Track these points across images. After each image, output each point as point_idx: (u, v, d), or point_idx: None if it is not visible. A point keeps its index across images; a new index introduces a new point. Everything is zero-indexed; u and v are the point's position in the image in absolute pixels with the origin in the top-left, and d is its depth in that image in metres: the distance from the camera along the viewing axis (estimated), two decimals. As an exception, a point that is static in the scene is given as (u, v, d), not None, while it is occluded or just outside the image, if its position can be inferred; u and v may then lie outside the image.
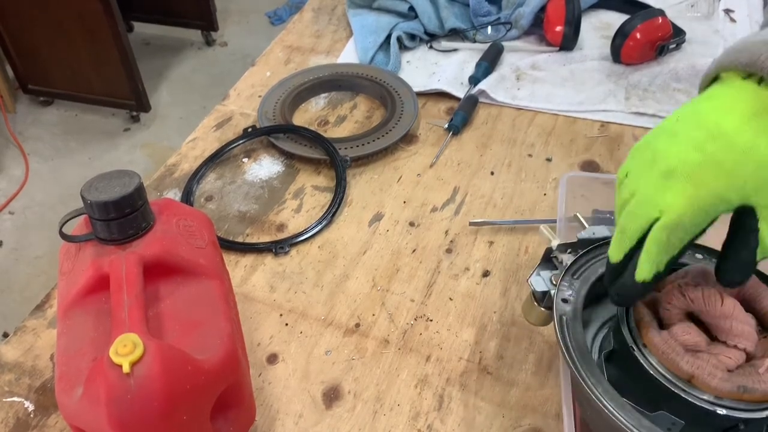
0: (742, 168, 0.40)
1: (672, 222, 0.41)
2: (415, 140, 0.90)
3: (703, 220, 0.41)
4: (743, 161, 0.40)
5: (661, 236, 0.41)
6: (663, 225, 0.41)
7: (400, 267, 0.73)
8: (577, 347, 0.47)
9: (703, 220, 0.41)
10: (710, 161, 0.40)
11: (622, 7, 1.13)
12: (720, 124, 0.41)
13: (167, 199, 0.56)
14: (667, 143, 0.43)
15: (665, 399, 0.44)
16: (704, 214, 0.41)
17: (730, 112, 0.41)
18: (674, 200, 0.41)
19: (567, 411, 0.49)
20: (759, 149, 0.40)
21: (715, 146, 0.41)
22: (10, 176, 2.29)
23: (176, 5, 2.78)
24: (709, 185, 0.40)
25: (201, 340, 0.47)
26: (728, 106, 0.42)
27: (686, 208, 0.41)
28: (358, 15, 1.12)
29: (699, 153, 0.41)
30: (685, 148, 0.42)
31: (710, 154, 0.40)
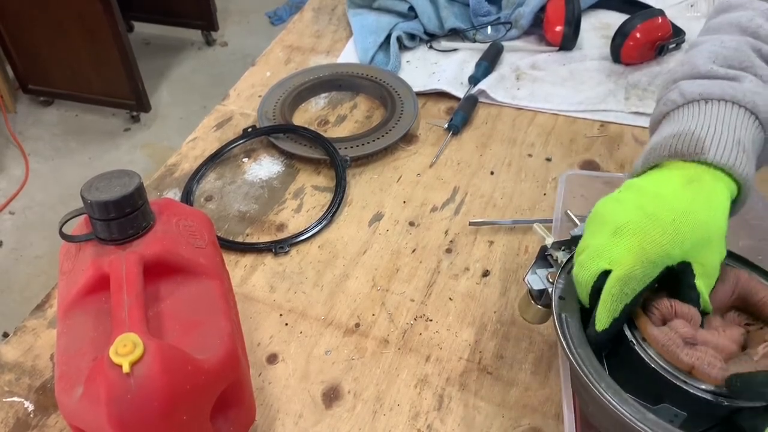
0: (682, 226, 0.46)
1: (624, 275, 0.45)
2: (415, 140, 0.90)
3: (651, 271, 0.46)
4: (682, 220, 0.46)
5: (615, 288, 0.46)
6: (616, 277, 0.45)
7: (400, 267, 0.73)
8: (578, 343, 0.48)
9: (651, 272, 0.46)
10: (654, 219, 0.46)
11: (622, 7, 1.13)
12: (659, 192, 0.48)
13: (167, 199, 0.56)
14: (614, 207, 0.49)
15: (667, 391, 0.45)
16: (653, 266, 0.45)
17: (666, 182, 0.49)
18: (625, 254, 0.46)
19: (567, 408, 0.49)
20: (695, 211, 0.46)
21: (656, 207, 0.47)
22: (10, 176, 2.29)
23: (176, 5, 2.78)
24: (655, 240, 0.45)
25: (201, 339, 0.47)
26: (664, 179, 0.50)
27: (636, 261, 0.45)
28: (358, 15, 1.12)
29: (642, 212, 0.47)
30: (630, 209, 0.48)
31: (652, 214, 0.46)
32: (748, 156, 0.49)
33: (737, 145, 0.49)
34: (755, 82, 0.52)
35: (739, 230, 0.66)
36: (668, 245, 0.45)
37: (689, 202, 0.47)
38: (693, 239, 0.46)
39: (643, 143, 0.87)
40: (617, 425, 0.44)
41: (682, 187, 0.48)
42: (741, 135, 0.49)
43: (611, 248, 0.47)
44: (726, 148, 0.49)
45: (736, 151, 0.49)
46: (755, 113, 0.51)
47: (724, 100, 0.51)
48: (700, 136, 0.49)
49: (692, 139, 0.50)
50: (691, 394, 0.44)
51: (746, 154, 0.49)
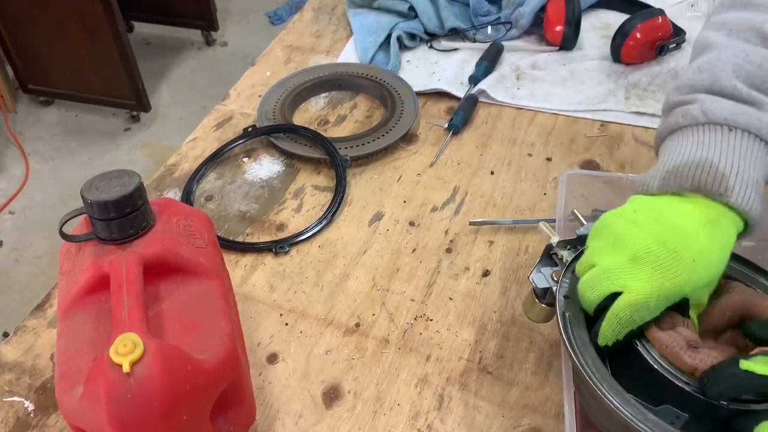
0: (698, 267, 0.46)
1: (638, 302, 0.46)
2: (415, 140, 0.90)
3: (663, 305, 0.46)
4: (700, 262, 0.46)
5: (626, 312, 0.46)
6: (629, 302, 0.46)
7: (400, 267, 0.73)
8: (581, 343, 0.48)
9: (663, 305, 0.46)
10: (674, 256, 0.46)
11: (622, 6, 1.13)
12: (680, 226, 0.48)
13: (167, 199, 0.56)
14: (629, 230, 0.48)
15: (669, 393, 0.45)
16: (665, 301, 0.46)
17: (688, 216, 0.48)
18: (642, 284, 0.46)
19: (568, 407, 0.49)
20: (712, 254, 0.47)
21: (677, 244, 0.46)
22: (10, 176, 2.29)
23: (176, 5, 2.78)
24: (672, 277, 0.46)
25: (201, 339, 0.47)
26: (687, 213, 0.49)
27: (653, 293, 0.46)
28: (358, 15, 1.12)
29: (663, 246, 0.46)
30: (648, 238, 0.47)
31: (674, 251, 0.46)
32: (761, 197, 0.49)
33: (756, 185, 0.49)
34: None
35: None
36: (683, 284, 0.46)
37: (708, 244, 0.47)
38: (704, 281, 0.47)
39: (644, 143, 0.87)
40: (619, 426, 0.44)
41: (703, 227, 0.48)
42: (759, 175, 0.49)
43: (627, 274, 0.47)
44: (747, 191, 0.48)
45: (755, 194, 0.49)
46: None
47: (749, 132, 0.50)
48: (725, 173, 0.49)
49: (717, 175, 0.49)
50: (693, 396, 0.44)
51: (760, 195, 0.49)
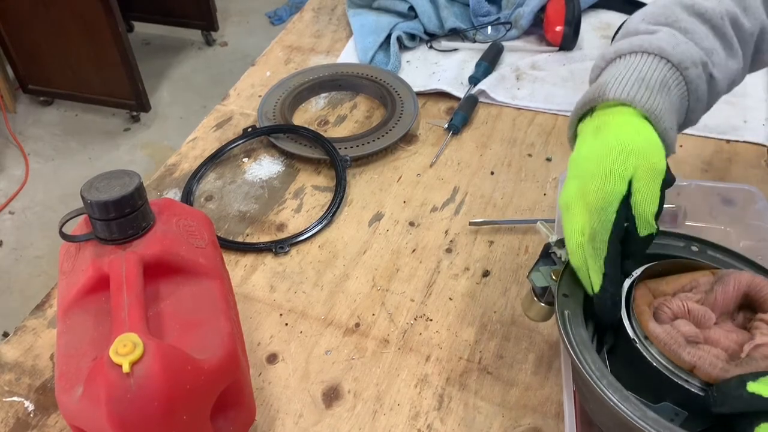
0: (602, 163, 0.49)
1: (588, 233, 0.48)
2: (415, 140, 0.90)
3: (605, 216, 0.48)
4: (600, 159, 0.49)
5: (588, 249, 0.49)
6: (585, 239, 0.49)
7: (400, 267, 0.73)
8: (580, 341, 0.48)
9: (605, 216, 0.48)
10: (582, 176, 0.50)
11: (622, 6, 1.13)
12: (577, 154, 0.53)
13: (167, 199, 0.56)
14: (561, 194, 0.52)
15: (668, 390, 0.45)
16: (602, 212, 0.48)
17: (580, 144, 0.53)
18: (579, 218, 0.49)
19: (568, 405, 0.49)
20: (607, 148, 0.49)
21: (581, 168, 0.51)
22: (11, 176, 2.29)
23: (176, 5, 2.78)
24: (590, 189, 0.49)
25: (201, 340, 0.47)
26: (579, 142, 0.54)
27: (588, 216, 0.48)
28: (358, 15, 1.12)
29: (575, 179, 0.51)
30: (568, 184, 0.52)
31: (581, 173, 0.50)
32: (652, 91, 0.52)
33: (639, 82, 0.52)
34: (668, 32, 0.55)
35: (740, 230, 0.66)
36: (602, 185, 0.48)
37: (602, 143, 0.50)
38: (620, 163, 0.48)
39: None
40: (618, 423, 0.44)
41: (594, 136, 0.52)
42: (645, 75, 0.52)
43: (571, 223, 0.49)
44: (626, 86, 0.52)
45: (637, 87, 0.52)
46: (665, 57, 0.53)
47: (633, 51, 0.54)
48: (605, 81, 0.53)
49: (597, 86, 0.54)
50: (692, 393, 0.44)
51: (650, 89, 0.52)
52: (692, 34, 0.55)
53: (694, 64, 0.53)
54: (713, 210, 0.67)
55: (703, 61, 0.54)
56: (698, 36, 0.55)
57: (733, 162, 0.84)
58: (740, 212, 0.66)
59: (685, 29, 0.55)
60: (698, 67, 0.53)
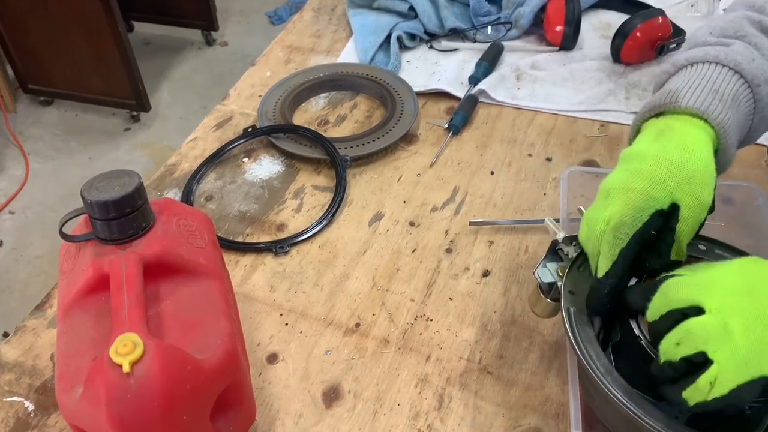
0: (657, 169, 0.49)
1: (616, 222, 0.48)
2: (415, 140, 0.90)
3: (639, 215, 0.48)
4: (656, 165, 0.49)
5: (609, 236, 0.49)
6: (610, 227, 0.49)
7: (400, 267, 0.73)
8: (586, 338, 0.48)
9: (640, 216, 0.48)
10: (633, 172, 0.50)
11: (622, 7, 1.13)
12: (634, 149, 0.52)
13: (167, 199, 0.56)
14: (606, 179, 0.52)
15: None
16: (639, 211, 0.48)
17: (640, 141, 0.53)
18: (614, 207, 0.49)
19: (574, 402, 0.49)
20: (667, 154, 0.49)
21: (635, 163, 0.50)
22: (11, 176, 2.29)
23: (176, 5, 2.78)
24: (636, 188, 0.49)
25: (201, 339, 0.47)
26: (641, 138, 0.53)
27: (624, 209, 0.49)
28: (358, 15, 1.12)
29: (625, 172, 0.50)
30: (616, 173, 0.52)
31: (632, 169, 0.50)
32: (725, 105, 0.51)
33: (713, 94, 0.51)
34: (742, 46, 0.54)
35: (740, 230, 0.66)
36: (649, 188, 0.48)
37: (662, 147, 0.50)
38: (671, 179, 0.48)
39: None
40: (623, 420, 0.44)
41: (656, 138, 0.51)
42: (719, 87, 0.52)
43: (604, 209, 0.50)
44: (700, 96, 0.51)
45: (710, 99, 0.51)
46: (738, 71, 0.52)
47: (707, 61, 0.54)
48: (678, 88, 0.53)
49: (669, 92, 0.53)
50: None
51: (723, 103, 0.51)
52: (763, 49, 0.54)
53: (766, 82, 0.52)
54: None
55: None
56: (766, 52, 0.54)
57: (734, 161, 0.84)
58: (740, 211, 0.66)
59: (756, 45, 0.54)
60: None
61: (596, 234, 0.50)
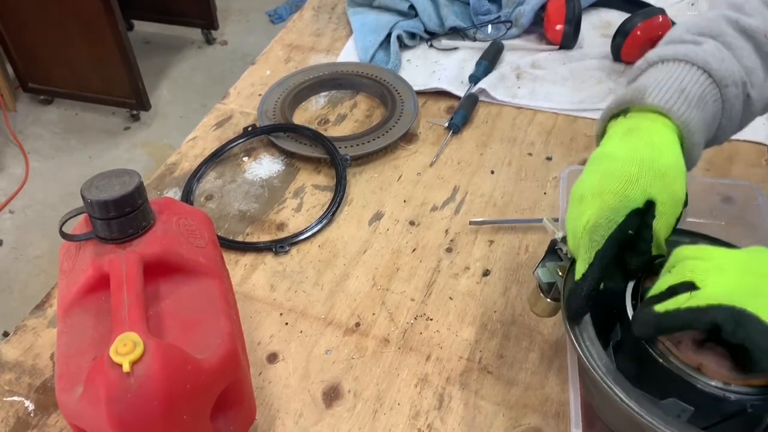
0: (629, 167, 0.49)
1: (590, 225, 0.49)
2: (415, 139, 0.90)
3: (615, 216, 0.48)
4: (627, 164, 0.49)
5: (585, 239, 0.49)
6: (586, 231, 0.49)
7: (400, 266, 0.73)
8: (586, 337, 0.48)
9: (615, 217, 0.48)
10: (605, 174, 0.50)
11: (623, 5, 1.13)
12: (604, 151, 0.52)
13: (167, 198, 0.56)
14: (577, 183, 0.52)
15: (674, 386, 0.45)
16: (614, 212, 0.48)
17: (608, 141, 0.53)
18: (589, 211, 0.49)
19: (574, 401, 0.49)
20: (637, 153, 0.49)
21: (605, 164, 0.51)
22: (11, 175, 2.29)
23: (176, 4, 2.77)
24: (610, 189, 0.49)
25: (201, 339, 0.47)
26: (607, 139, 0.54)
27: (598, 211, 0.49)
28: (358, 14, 1.12)
29: (597, 174, 0.51)
30: (587, 176, 0.52)
31: (603, 170, 0.50)
32: (690, 104, 0.51)
33: (678, 92, 0.52)
34: (714, 45, 0.54)
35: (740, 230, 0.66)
36: (622, 188, 0.48)
37: (631, 147, 0.50)
38: (644, 177, 0.49)
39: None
40: (624, 419, 0.44)
41: (624, 138, 0.52)
42: (686, 86, 0.52)
43: (581, 215, 0.50)
44: (665, 95, 0.52)
45: (675, 97, 0.51)
46: (707, 71, 0.52)
47: (677, 59, 0.54)
48: (644, 84, 0.53)
49: (635, 89, 0.53)
50: (699, 389, 0.43)
51: (688, 102, 0.51)
52: (735, 50, 0.54)
53: (735, 83, 0.53)
54: (713, 209, 0.67)
55: (743, 81, 0.53)
56: (741, 53, 0.54)
57: (734, 161, 0.84)
58: (740, 211, 0.66)
59: (730, 45, 0.54)
60: (738, 86, 0.53)
61: (577, 240, 0.50)
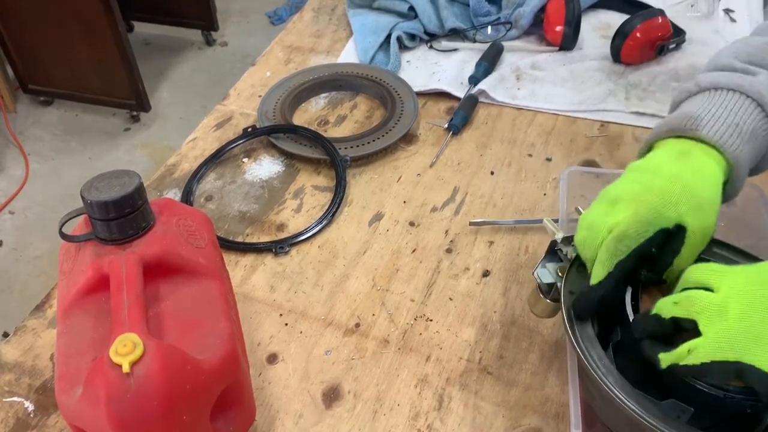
0: (672, 188, 0.49)
1: (620, 233, 0.48)
2: (415, 140, 0.90)
3: (645, 230, 0.48)
4: (672, 184, 0.49)
5: (611, 245, 0.48)
6: (613, 236, 0.48)
7: (400, 267, 0.73)
8: (586, 338, 0.48)
9: (645, 231, 0.48)
10: (647, 186, 0.50)
11: (622, 7, 1.13)
12: (650, 163, 0.52)
13: (167, 199, 0.56)
14: (613, 186, 0.52)
15: (674, 387, 0.45)
16: (646, 225, 0.48)
17: (659, 156, 0.53)
18: (622, 216, 0.49)
19: (574, 403, 0.49)
20: (683, 176, 0.49)
21: (648, 177, 0.50)
22: (10, 176, 2.29)
23: (176, 5, 2.78)
24: (648, 202, 0.49)
25: (201, 339, 0.47)
26: (657, 154, 0.53)
27: (631, 221, 0.48)
28: (358, 15, 1.12)
29: (637, 183, 0.50)
30: (626, 182, 0.51)
31: (646, 182, 0.50)
32: (743, 140, 0.51)
33: (733, 127, 0.51)
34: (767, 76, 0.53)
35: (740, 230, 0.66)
36: (660, 206, 0.48)
37: (680, 169, 0.50)
38: (684, 202, 0.48)
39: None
40: (624, 420, 0.44)
41: (674, 159, 0.51)
42: (740, 120, 0.52)
43: (610, 215, 0.49)
44: (720, 128, 0.51)
45: (730, 132, 0.51)
46: (762, 104, 0.52)
47: (731, 89, 0.53)
48: (699, 114, 0.52)
49: (690, 117, 0.53)
50: (699, 390, 0.44)
51: (741, 137, 0.51)
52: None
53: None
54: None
55: None
56: None
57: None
58: (740, 211, 0.66)
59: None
60: None
61: (597, 239, 0.49)
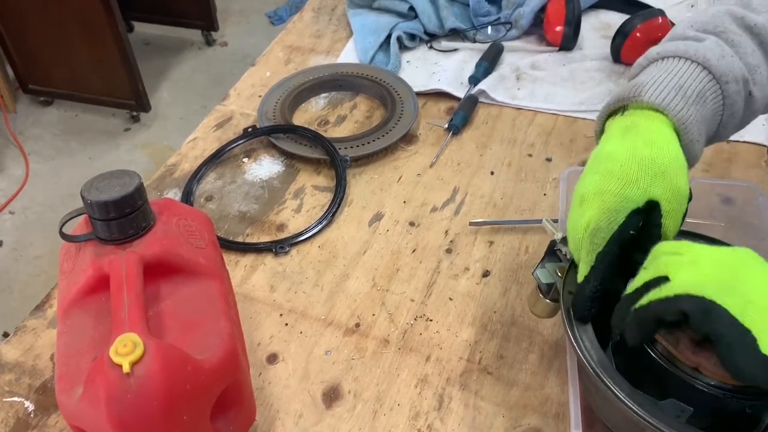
0: (628, 168, 0.49)
1: (593, 228, 0.49)
2: (415, 140, 0.90)
3: (615, 218, 0.48)
4: (627, 163, 0.49)
5: (587, 242, 0.49)
6: (587, 233, 0.49)
7: (400, 267, 0.73)
8: (586, 338, 0.48)
9: (615, 218, 0.49)
10: (605, 174, 0.50)
11: (622, 7, 1.13)
12: (604, 150, 0.52)
13: (167, 199, 0.56)
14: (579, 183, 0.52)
15: (674, 387, 0.45)
16: (614, 213, 0.48)
17: (608, 140, 0.53)
18: (590, 213, 0.49)
19: (574, 402, 0.49)
20: (637, 152, 0.49)
21: (605, 163, 0.50)
22: (11, 176, 2.29)
23: (176, 5, 2.78)
24: (610, 191, 0.49)
25: (201, 339, 0.47)
26: (606, 138, 0.53)
27: (599, 214, 0.49)
28: (358, 15, 1.12)
29: (598, 174, 0.50)
30: (588, 175, 0.52)
31: (603, 171, 0.50)
32: (687, 102, 0.51)
33: (676, 89, 0.51)
34: (715, 42, 0.53)
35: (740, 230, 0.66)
36: (622, 189, 0.48)
37: (630, 146, 0.50)
38: (644, 177, 0.48)
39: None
40: (624, 419, 0.44)
41: (621, 137, 0.51)
42: (684, 83, 0.52)
43: (582, 215, 0.50)
44: (663, 92, 0.51)
45: (672, 94, 0.51)
46: (707, 67, 0.52)
47: (677, 56, 0.53)
48: (643, 81, 0.53)
49: (634, 85, 0.53)
50: (698, 390, 0.44)
51: (685, 99, 0.51)
52: (739, 47, 0.53)
53: (735, 80, 0.52)
54: (713, 210, 0.67)
55: (745, 78, 0.53)
56: (744, 50, 0.53)
57: (733, 162, 0.84)
58: (740, 211, 0.66)
59: (733, 41, 0.54)
60: (739, 83, 0.52)
61: (578, 241, 0.50)
